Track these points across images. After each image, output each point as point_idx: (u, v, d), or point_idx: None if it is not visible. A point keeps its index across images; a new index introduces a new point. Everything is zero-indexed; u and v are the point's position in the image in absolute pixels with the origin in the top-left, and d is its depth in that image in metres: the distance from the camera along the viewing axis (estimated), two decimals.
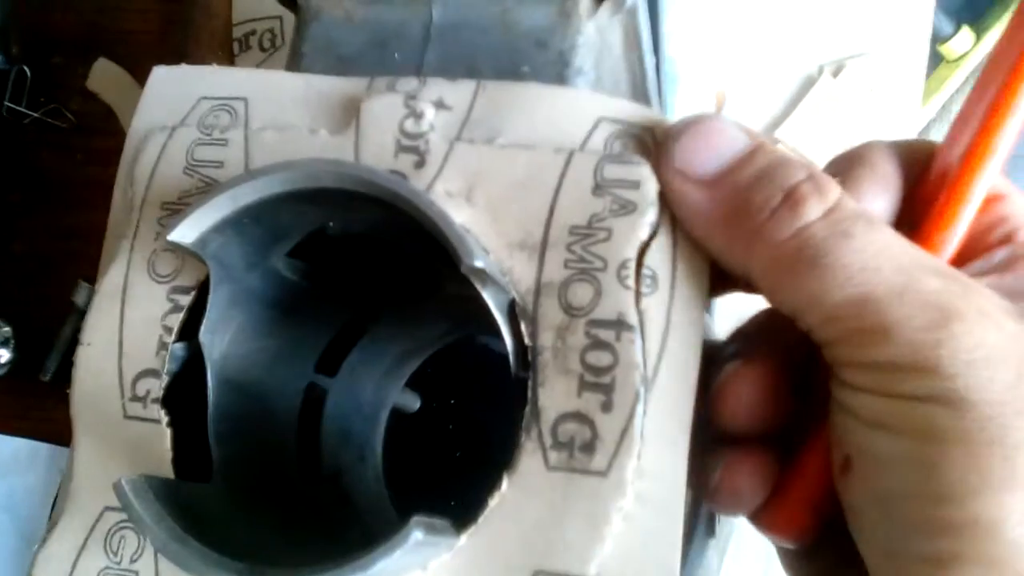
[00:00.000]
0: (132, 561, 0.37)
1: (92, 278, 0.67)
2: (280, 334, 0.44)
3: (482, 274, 0.33)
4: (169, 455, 0.37)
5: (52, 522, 0.39)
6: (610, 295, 0.35)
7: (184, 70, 0.43)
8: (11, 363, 0.69)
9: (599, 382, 0.34)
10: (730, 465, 0.36)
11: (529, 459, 0.34)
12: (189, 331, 0.39)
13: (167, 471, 0.37)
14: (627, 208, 0.35)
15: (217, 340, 0.39)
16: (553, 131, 0.38)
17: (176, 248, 0.36)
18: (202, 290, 0.38)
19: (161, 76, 0.43)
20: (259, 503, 0.40)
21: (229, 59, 0.68)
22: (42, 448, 0.69)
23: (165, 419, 0.38)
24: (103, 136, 0.75)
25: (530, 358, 0.35)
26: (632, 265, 0.35)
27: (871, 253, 0.30)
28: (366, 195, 0.35)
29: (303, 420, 0.47)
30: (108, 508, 0.38)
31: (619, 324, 0.34)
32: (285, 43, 0.67)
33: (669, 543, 0.33)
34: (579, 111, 0.38)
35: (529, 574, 0.33)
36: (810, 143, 0.65)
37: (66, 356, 0.70)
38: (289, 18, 0.66)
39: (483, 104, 0.39)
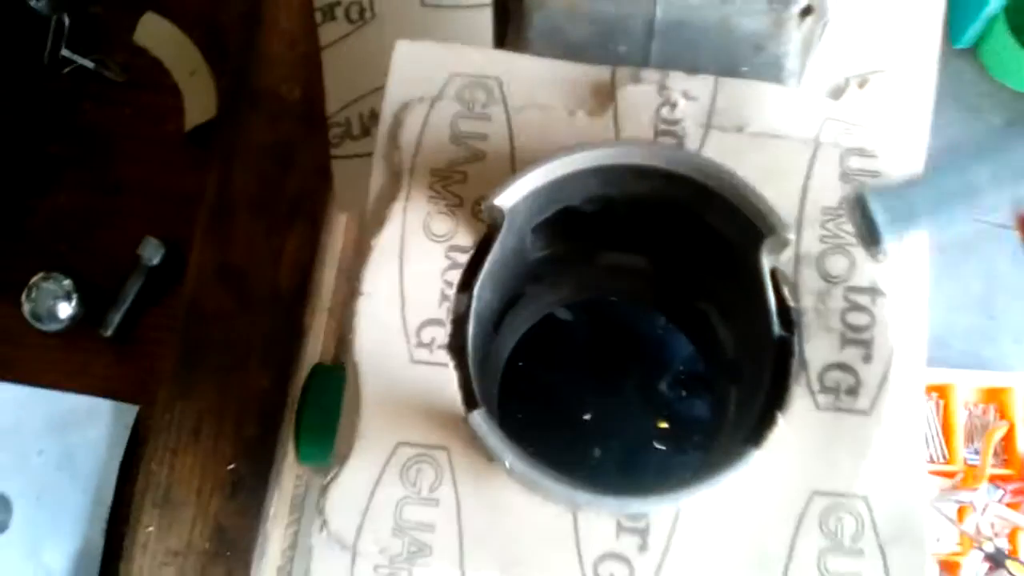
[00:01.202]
0: (432, 490, 0.41)
1: (156, 234, 0.69)
2: (496, 289, 0.48)
3: (785, 243, 0.39)
4: (458, 394, 0.42)
5: (337, 459, 0.42)
6: (863, 266, 0.42)
7: (429, 46, 0.46)
8: (72, 318, 0.68)
9: (859, 338, 0.41)
10: None
11: (800, 401, 0.41)
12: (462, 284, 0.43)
13: (458, 408, 0.41)
14: None
15: (480, 292, 0.43)
16: (790, 125, 0.44)
17: (492, 211, 0.40)
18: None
19: (406, 50, 0.46)
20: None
21: (311, 28, 0.70)
22: (103, 404, 0.69)
23: (452, 363, 0.42)
24: (152, 91, 0.75)
25: (794, 318, 0.42)
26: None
27: None
28: (663, 171, 0.40)
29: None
30: (401, 443, 0.41)
31: (873, 290, 0.42)
32: (376, 15, 0.69)
33: (914, 458, 0.41)
34: (809, 110, 0.45)
35: (808, 494, 0.40)
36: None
37: (129, 312, 0.70)
38: None
39: (725, 97, 0.45)
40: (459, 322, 0.43)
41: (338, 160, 0.68)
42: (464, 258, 0.43)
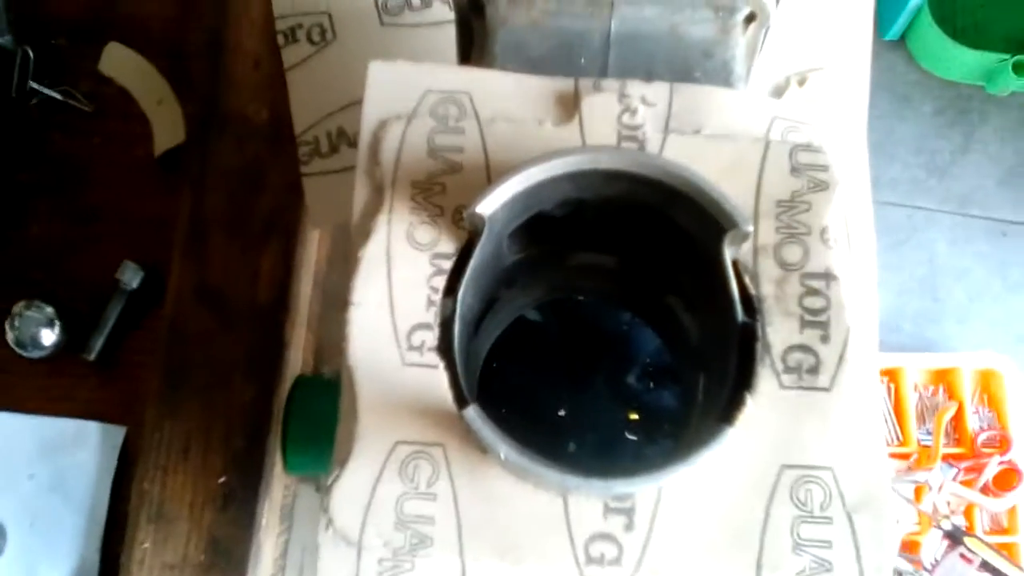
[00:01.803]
0: (429, 485, 0.43)
1: (133, 259, 0.70)
2: (476, 294, 0.51)
3: (745, 236, 0.43)
4: (449, 393, 0.44)
5: (338, 461, 0.45)
6: (817, 254, 0.45)
7: (401, 65, 0.49)
8: (56, 345, 0.70)
9: (817, 320, 0.45)
10: None
11: (765, 382, 0.44)
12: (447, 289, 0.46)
13: (450, 406, 0.44)
14: (821, 186, 0.46)
15: (464, 296, 0.46)
16: (742, 126, 0.48)
17: (473, 218, 0.43)
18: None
19: (380, 69, 0.49)
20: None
21: (274, 49, 0.72)
22: (90, 427, 0.70)
23: (442, 364, 0.45)
24: (120, 119, 0.76)
25: (755, 305, 0.45)
26: (831, 230, 0.45)
27: None
28: (631, 174, 0.43)
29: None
30: (399, 442, 0.44)
31: (827, 276, 0.45)
32: (336, 37, 0.72)
33: (873, 430, 0.44)
34: (757, 110, 0.48)
35: (778, 468, 0.43)
36: None
37: (111, 336, 0.71)
38: (338, 14, 0.72)
39: (680, 102, 0.48)
40: (446, 325, 0.45)
41: (308, 177, 0.70)
42: (448, 264, 0.46)
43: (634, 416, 0.69)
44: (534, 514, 0.43)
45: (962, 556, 1.35)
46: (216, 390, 0.66)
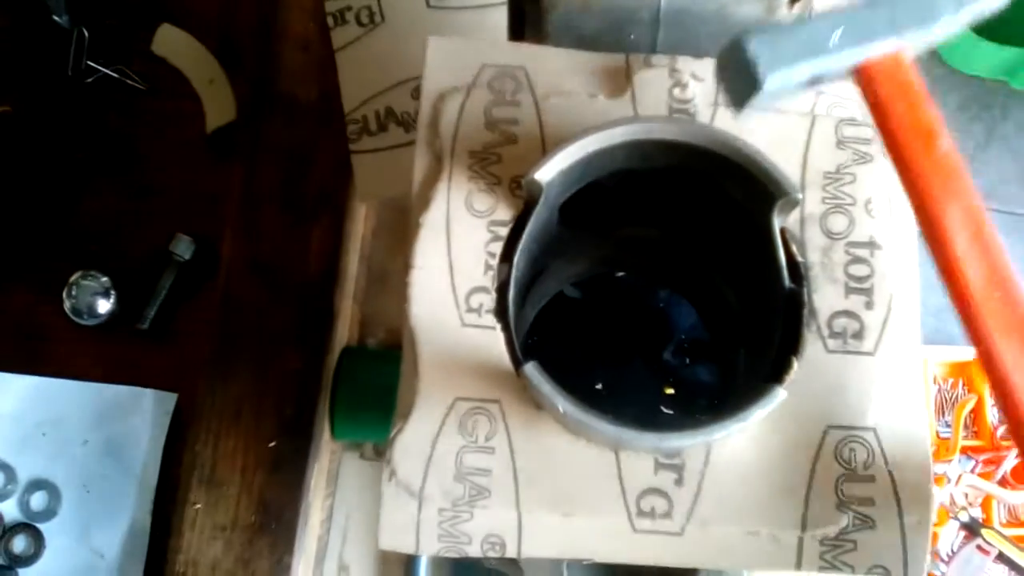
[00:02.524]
0: (487, 440, 0.45)
1: (185, 232, 0.73)
2: (528, 262, 0.53)
3: (795, 204, 0.44)
4: (506, 353, 0.46)
5: (400, 415, 0.47)
6: (861, 223, 0.47)
7: (459, 41, 0.51)
8: (111, 313, 0.72)
9: (861, 287, 0.46)
10: None
11: (811, 347, 0.46)
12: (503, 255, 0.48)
13: (506, 365, 0.46)
14: (865, 158, 0.48)
15: (518, 262, 0.48)
16: (788, 101, 0.49)
17: (531, 185, 0.45)
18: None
19: (439, 45, 0.51)
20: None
21: (323, 31, 0.74)
22: (143, 393, 0.73)
23: (499, 325, 0.47)
24: (172, 98, 0.79)
25: (802, 272, 0.47)
26: (875, 201, 0.47)
27: None
28: (686, 144, 0.45)
29: None
30: (458, 398, 0.46)
31: (871, 244, 0.47)
32: (384, 20, 0.74)
33: (915, 392, 0.46)
34: None
35: (823, 428, 0.45)
36: None
37: (163, 306, 0.74)
38: None
39: None
40: (502, 289, 0.47)
41: (357, 155, 0.72)
42: (504, 231, 0.48)
43: (670, 391, 0.71)
44: (588, 468, 0.45)
45: (979, 548, 1.36)
46: (267, 359, 0.69)
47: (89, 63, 0.78)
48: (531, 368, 0.43)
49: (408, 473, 0.45)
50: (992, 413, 1.48)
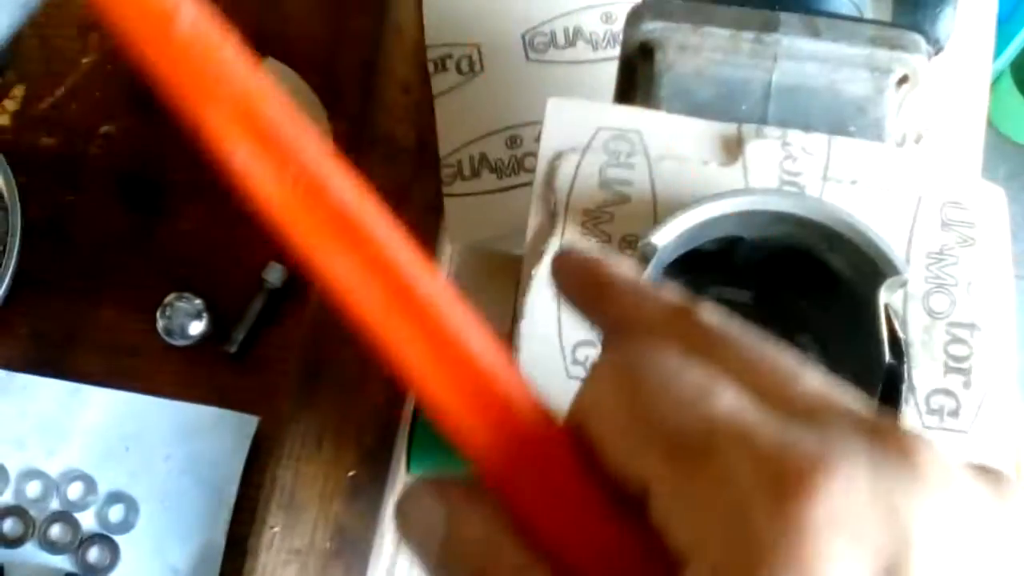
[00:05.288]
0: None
1: (279, 259, 0.75)
2: None
3: (903, 283, 0.46)
4: None
5: None
6: (963, 305, 0.48)
7: (577, 103, 0.53)
8: (202, 335, 0.74)
9: (960, 367, 0.48)
10: None
11: (909, 421, 0.47)
12: None
13: None
14: (968, 242, 0.49)
15: None
16: (895, 180, 0.51)
17: (647, 247, 0.46)
18: None
19: (557, 106, 0.53)
20: None
21: (424, 76, 0.77)
22: (226, 415, 0.75)
23: None
24: None
25: (903, 348, 0.48)
26: (977, 284, 0.48)
27: None
28: (799, 217, 0.47)
29: None
30: None
31: (972, 326, 0.48)
32: (483, 69, 0.76)
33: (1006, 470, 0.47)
34: (910, 166, 0.51)
35: None
36: None
37: (252, 330, 0.76)
38: (487, 47, 0.76)
39: (837, 153, 0.51)
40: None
41: (450, 198, 0.75)
42: None
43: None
44: None
45: None
46: (351, 390, 0.71)
47: None
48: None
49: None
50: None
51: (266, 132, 0.28)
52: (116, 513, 0.75)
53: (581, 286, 0.31)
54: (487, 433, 0.28)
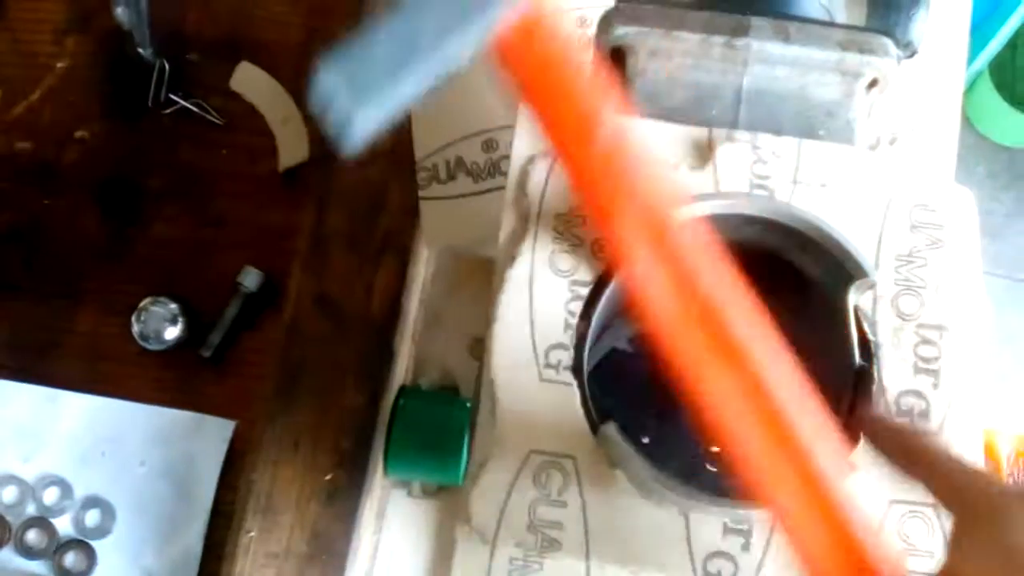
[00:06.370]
0: (559, 494, 0.47)
1: (255, 263, 0.75)
2: (600, 321, 0.54)
3: (871, 285, 0.46)
4: (581, 410, 0.48)
5: (477, 463, 0.48)
6: (932, 306, 0.49)
7: None
8: (177, 340, 0.74)
9: (929, 368, 0.48)
10: None
11: None
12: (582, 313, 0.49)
13: (581, 422, 0.48)
14: (937, 244, 0.49)
15: (596, 321, 0.50)
16: (864, 182, 0.51)
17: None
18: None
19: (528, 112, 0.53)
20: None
21: None
22: (202, 419, 0.75)
23: (575, 382, 0.48)
24: (248, 134, 0.81)
25: (873, 350, 0.48)
26: (945, 285, 0.49)
27: None
28: (769, 221, 0.47)
29: None
30: (533, 451, 0.48)
31: (941, 328, 0.48)
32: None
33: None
34: (878, 168, 0.52)
35: (887, 503, 0.47)
36: None
37: (228, 334, 0.76)
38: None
39: (807, 157, 0.52)
40: (579, 347, 0.49)
41: (426, 201, 0.75)
42: (584, 291, 0.50)
43: (716, 448, 0.72)
44: (657, 528, 0.46)
45: None
46: (328, 393, 0.70)
47: (170, 95, 0.81)
48: (611, 429, 0.45)
49: (483, 520, 0.47)
50: (1009, 482, 1.48)
51: (670, 247, 0.31)
52: (92, 518, 0.75)
53: (904, 451, 0.39)
54: None
